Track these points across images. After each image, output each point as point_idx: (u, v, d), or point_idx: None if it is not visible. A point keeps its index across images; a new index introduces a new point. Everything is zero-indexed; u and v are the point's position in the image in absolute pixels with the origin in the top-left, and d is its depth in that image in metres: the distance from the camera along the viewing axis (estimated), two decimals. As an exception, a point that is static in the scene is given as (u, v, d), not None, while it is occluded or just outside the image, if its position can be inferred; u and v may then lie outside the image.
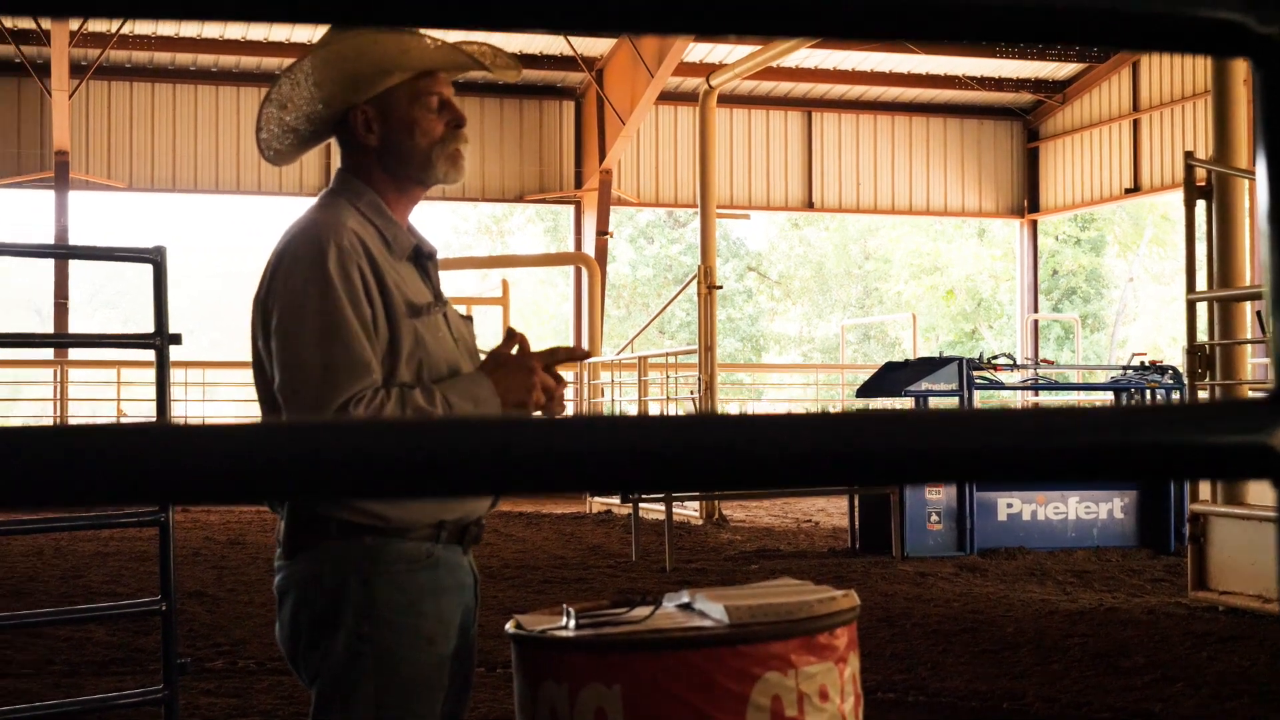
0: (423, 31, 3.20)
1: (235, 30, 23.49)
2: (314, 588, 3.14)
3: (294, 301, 3.12)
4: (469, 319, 3.45)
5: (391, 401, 3.07)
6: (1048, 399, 25.90)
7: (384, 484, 0.98)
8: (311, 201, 3.36)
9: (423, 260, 3.34)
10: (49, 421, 23.74)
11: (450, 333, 3.29)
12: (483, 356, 3.36)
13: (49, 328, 27.71)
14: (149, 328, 5.66)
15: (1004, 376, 15.10)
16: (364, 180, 3.30)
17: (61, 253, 12.96)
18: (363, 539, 3.11)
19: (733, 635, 3.20)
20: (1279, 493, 1.04)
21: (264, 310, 3.19)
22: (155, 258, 5.61)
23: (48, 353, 23.71)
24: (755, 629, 3.21)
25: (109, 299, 54.08)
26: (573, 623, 3.31)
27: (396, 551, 3.13)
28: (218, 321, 53.49)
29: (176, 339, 5.61)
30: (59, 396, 23.16)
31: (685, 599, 3.48)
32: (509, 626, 3.38)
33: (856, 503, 14.00)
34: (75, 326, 28.52)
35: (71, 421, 23.17)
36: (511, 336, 3.34)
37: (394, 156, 3.29)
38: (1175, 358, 31.66)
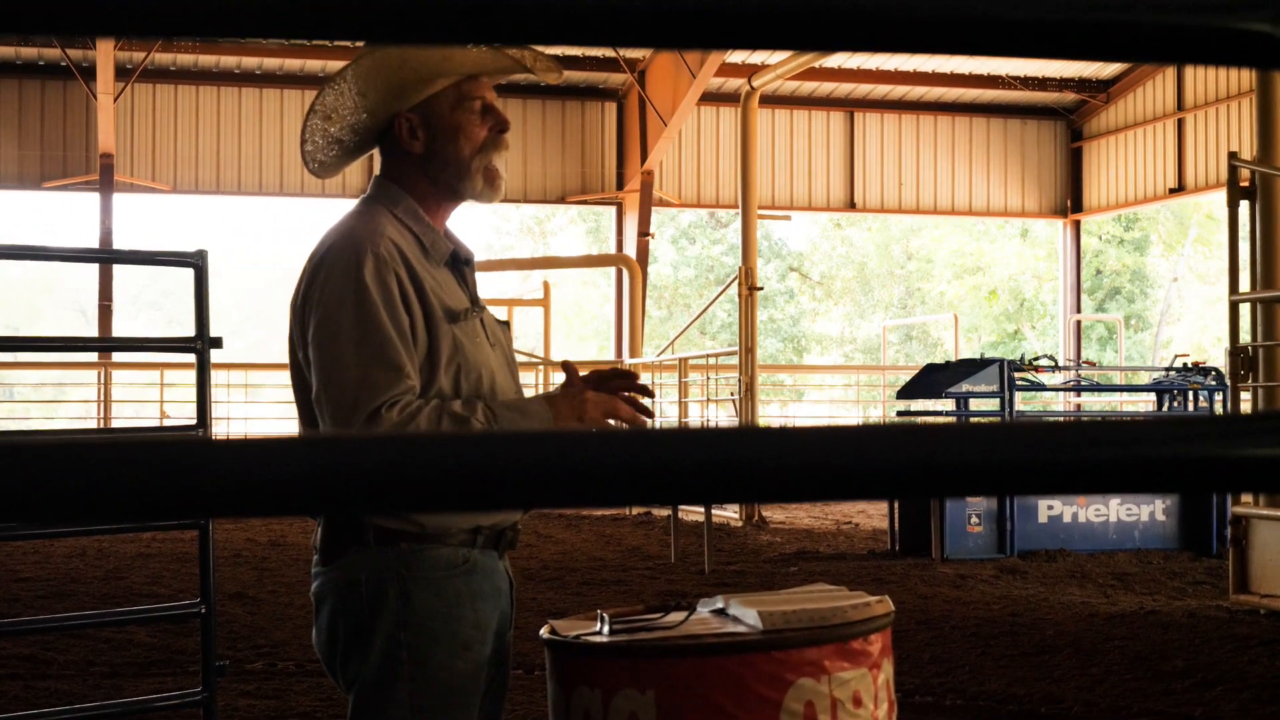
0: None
1: (278, 33, 23.59)
2: (351, 594, 3.15)
3: (331, 311, 3.13)
4: (505, 324, 3.45)
5: (427, 408, 3.08)
6: (1089, 400, 25.79)
7: (425, 498, 0.99)
8: (352, 203, 3.36)
9: (459, 265, 3.34)
10: (93, 424, 23.89)
11: (487, 338, 3.30)
12: (520, 358, 3.37)
13: (94, 328, 27.85)
14: (192, 329, 5.69)
15: (1045, 378, 15.05)
16: (402, 187, 3.30)
17: (105, 257, 13.11)
18: (399, 545, 3.12)
19: (766, 641, 3.20)
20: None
21: (301, 318, 3.20)
22: (197, 262, 5.64)
23: (92, 355, 23.88)
24: (789, 635, 3.21)
25: (153, 300, 54.36)
26: (606, 628, 3.32)
27: (433, 557, 3.14)
28: (260, 322, 53.72)
29: (217, 343, 5.64)
30: (102, 398, 23.31)
31: (719, 605, 3.49)
32: (543, 632, 3.39)
33: (896, 505, 13.97)
34: (119, 328, 28.70)
35: (115, 423, 23.33)
36: (571, 373, 3.31)
37: (438, 162, 3.29)
38: (1219, 359, 31.47)
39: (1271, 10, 1.07)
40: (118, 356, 23.94)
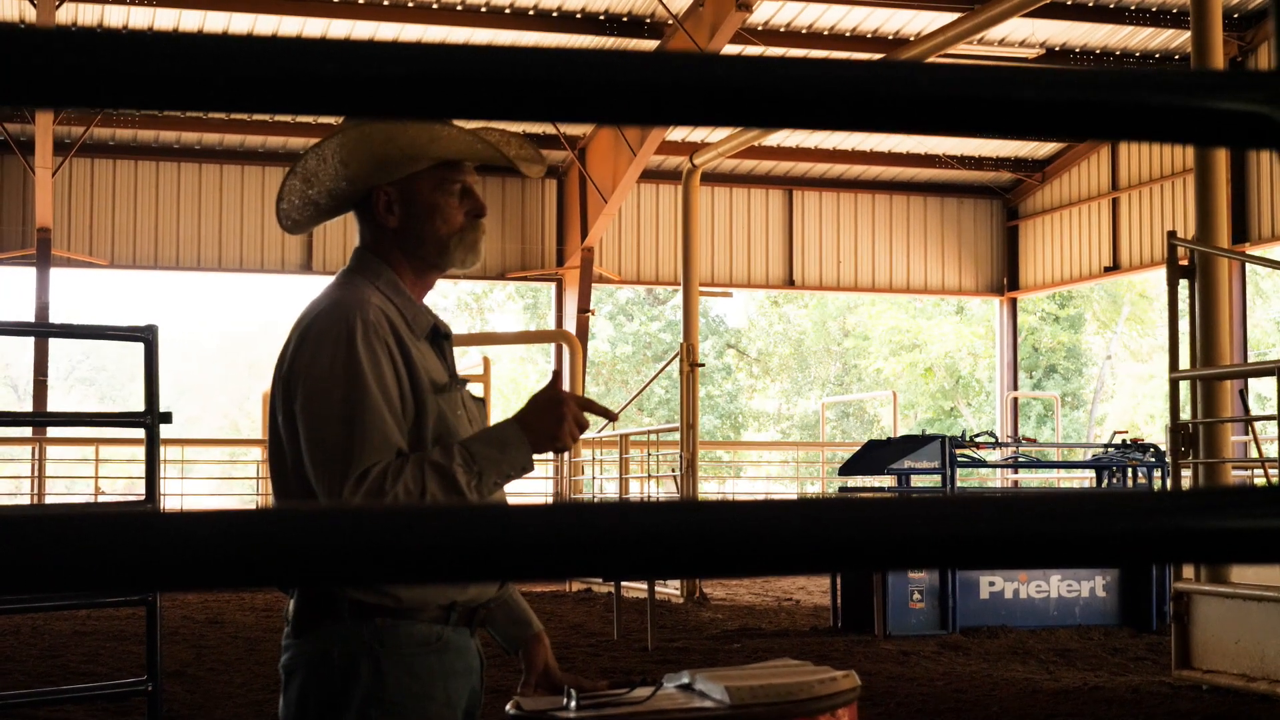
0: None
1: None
2: (323, 668, 3.11)
3: (320, 379, 3.11)
4: (481, 401, 3.45)
5: (409, 466, 3.06)
6: (1026, 477, 25.92)
7: (383, 571, 0.98)
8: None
9: (439, 339, 3.35)
10: (26, 500, 23.58)
11: (466, 413, 3.30)
12: None
13: (26, 404, 27.55)
14: (126, 405, 5.70)
15: (986, 455, 15.12)
16: (382, 259, 3.31)
17: (55, 331, 12.99)
18: (374, 620, 3.09)
19: (734, 716, 3.19)
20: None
21: (286, 387, 3.18)
22: (147, 336, 5.61)
23: (25, 430, 23.59)
24: (757, 710, 3.20)
25: (85, 375, 53.92)
26: (574, 704, 3.30)
27: (407, 633, 3.11)
28: (193, 398, 53.36)
29: (167, 418, 5.59)
30: (36, 474, 23.01)
31: (685, 680, 3.47)
32: (509, 707, 3.36)
33: (839, 581, 13.96)
34: (51, 403, 28.41)
35: (49, 500, 23.03)
36: (556, 379, 3.35)
37: (413, 239, 3.30)
38: (1153, 435, 31.71)
39: (1266, 91, 1.08)
40: (53, 431, 23.67)
